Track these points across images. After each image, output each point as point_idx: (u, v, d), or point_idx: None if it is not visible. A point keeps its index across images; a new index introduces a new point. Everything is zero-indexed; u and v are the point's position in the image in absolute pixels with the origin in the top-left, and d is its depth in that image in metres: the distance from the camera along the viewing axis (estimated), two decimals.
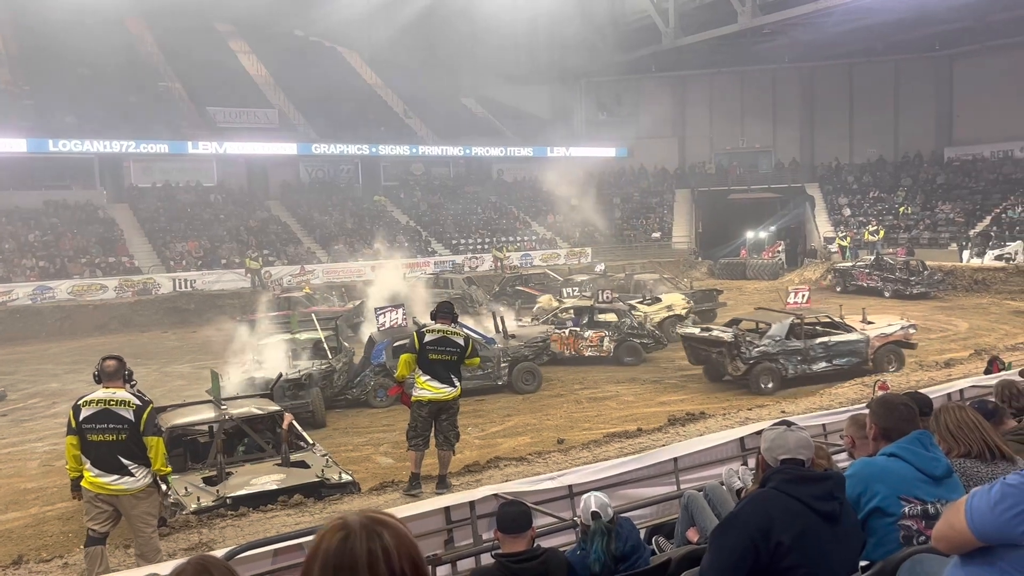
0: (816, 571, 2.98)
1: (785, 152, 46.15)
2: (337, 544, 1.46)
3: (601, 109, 49.30)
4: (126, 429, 6.30)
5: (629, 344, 18.06)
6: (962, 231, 34.56)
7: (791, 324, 15.33)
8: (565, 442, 11.05)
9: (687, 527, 4.78)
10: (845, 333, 15.65)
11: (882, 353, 15.54)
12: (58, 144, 33.52)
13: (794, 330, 15.33)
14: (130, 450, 6.34)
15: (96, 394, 6.42)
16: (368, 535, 1.46)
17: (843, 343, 15.40)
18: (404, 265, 33.75)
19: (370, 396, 14.86)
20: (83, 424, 6.32)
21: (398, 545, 1.47)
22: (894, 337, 15.92)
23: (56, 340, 25.20)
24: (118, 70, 38.71)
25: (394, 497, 8.19)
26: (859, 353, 15.37)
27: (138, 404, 6.39)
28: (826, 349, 15.27)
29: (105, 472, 6.32)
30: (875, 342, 15.54)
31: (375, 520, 1.51)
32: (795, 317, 15.60)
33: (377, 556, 1.44)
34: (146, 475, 6.45)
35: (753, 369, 14.86)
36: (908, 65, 43.35)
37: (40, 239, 31.29)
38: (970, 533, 2.17)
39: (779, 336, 15.09)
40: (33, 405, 16.54)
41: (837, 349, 15.33)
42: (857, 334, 15.65)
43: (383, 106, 46.33)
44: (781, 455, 3.20)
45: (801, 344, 15.12)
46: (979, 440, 3.68)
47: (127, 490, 6.35)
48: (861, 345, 15.41)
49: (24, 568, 6.78)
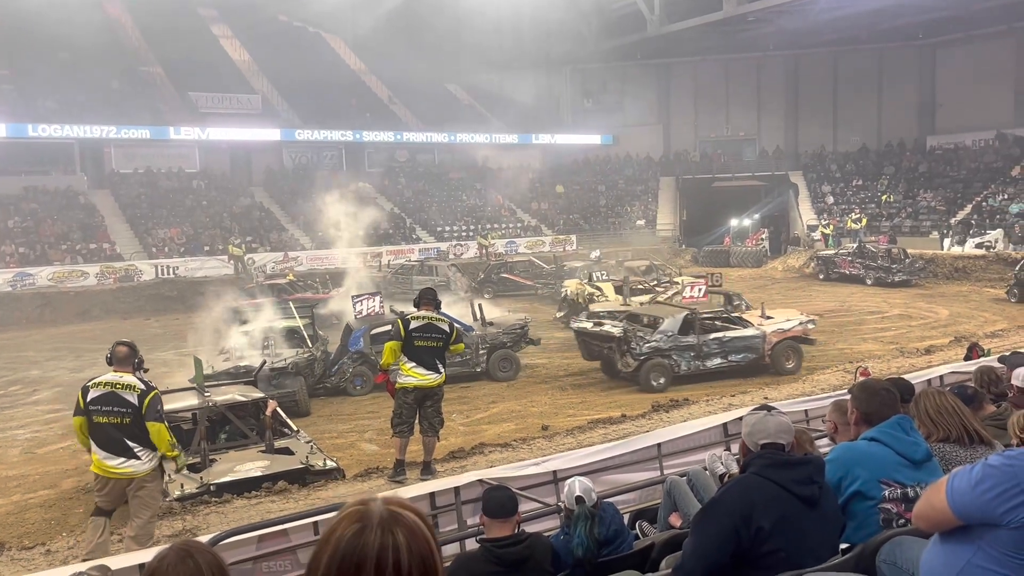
0: (796, 554, 3.01)
1: (769, 140, 46.32)
2: (351, 536, 1.45)
3: (586, 96, 49.24)
4: (130, 413, 6.42)
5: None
6: (943, 219, 34.85)
7: (683, 319, 14.75)
8: (549, 428, 11.07)
9: (670, 512, 4.82)
10: (741, 329, 15.12)
11: (780, 349, 15.08)
12: (38, 129, 33.11)
13: (688, 325, 14.76)
14: (135, 434, 6.46)
15: (105, 377, 6.55)
16: (383, 530, 1.45)
17: (738, 339, 14.87)
18: (388, 252, 33.75)
19: (348, 384, 14.78)
20: (90, 406, 6.44)
21: (410, 543, 1.45)
22: (792, 333, 15.40)
23: (37, 327, 24.97)
24: (99, 54, 38.18)
25: (379, 484, 8.21)
26: (755, 349, 14.89)
27: (143, 389, 6.50)
28: (720, 345, 14.74)
29: (112, 455, 6.44)
30: (772, 338, 15.05)
31: (394, 514, 1.49)
32: (689, 312, 15.07)
33: (387, 552, 1.43)
34: (152, 459, 6.58)
35: (643, 365, 14.33)
36: (892, 53, 43.54)
37: (20, 225, 30.93)
38: (950, 512, 2.21)
39: (671, 331, 14.57)
40: (13, 393, 16.40)
41: (732, 345, 14.80)
42: (753, 330, 15.12)
43: (367, 92, 46.04)
44: (762, 439, 3.23)
45: (694, 340, 14.58)
46: (958, 425, 3.73)
47: (133, 473, 6.47)
48: (757, 341, 14.91)
49: (6, 555, 6.74)
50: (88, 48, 37.12)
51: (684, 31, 38.74)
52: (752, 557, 3.01)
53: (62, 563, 6.27)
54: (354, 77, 47.04)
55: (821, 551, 3.10)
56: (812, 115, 45.61)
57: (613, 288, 21.26)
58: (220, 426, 9.81)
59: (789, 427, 3.30)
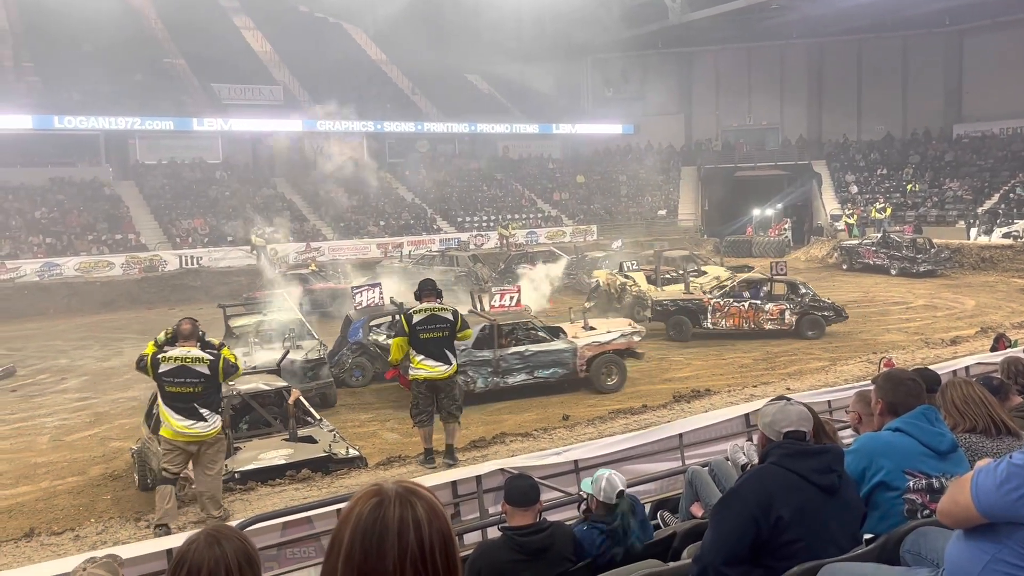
0: (816, 543, 3.01)
1: (792, 129, 45.86)
2: (371, 510, 1.47)
3: (607, 86, 49.00)
4: (202, 382, 7.24)
5: (812, 317, 17.94)
6: (970, 209, 34.39)
7: (479, 332, 12.96)
8: (570, 418, 11.10)
9: (691, 502, 4.82)
10: (548, 342, 13.80)
11: (598, 364, 13.77)
12: (63, 121, 33.43)
13: (485, 338, 13.32)
14: (205, 399, 7.27)
15: (174, 352, 7.29)
16: (402, 504, 1.48)
17: (544, 352, 13.57)
18: (409, 243, 33.83)
19: (347, 376, 14.54)
20: (162, 377, 7.25)
21: (430, 517, 1.48)
22: (613, 346, 14.09)
23: (64, 316, 25.30)
24: (122, 46, 38.45)
25: (401, 471, 8.27)
26: (565, 364, 13.62)
27: (211, 359, 7.30)
28: (523, 360, 13.41)
29: (184, 417, 7.21)
30: (586, 351, 13.74)
31: (409, 490, 1.52)
32: (486, 323, 13.53)
33: (408, 525, 1.45)
34: (217, 421, 7.38)
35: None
36: (917, 40, 42.91)
37: (47, 216, 31.32)
38: (975, 510, 2.19)
39: (464, 345, 12.40)
40: (42, 381, 16.65)
41: (538, 359, 13.51)
42: (562, 342, 13.86)
43: (388, 83, 46.07)
44: (784, 427, 3.23)
45: (490, 355, 13.30)
46: (985, 415, 3.70)
47: (200, 434, 7.23)
48: (567, 355, 13.65)
49: (36, 541, 6.86)
50: (112, 40, 37.40)
51: (706, 19, 38.44)
52: (772, 547, 3.01)
53: (91, 548, 6.38)
54: (375, 68, 47.09)
55: (842, 540, 3.10)
56: (836, 103, 45.11)
57: (645, 278, 21.20)
58: (241, 415, 9.92)
59: (809, 416, 3.31)
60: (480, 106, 45.31)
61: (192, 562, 2.10)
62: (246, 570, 2.11)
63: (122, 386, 15.14)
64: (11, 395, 15.45)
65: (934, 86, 42.77)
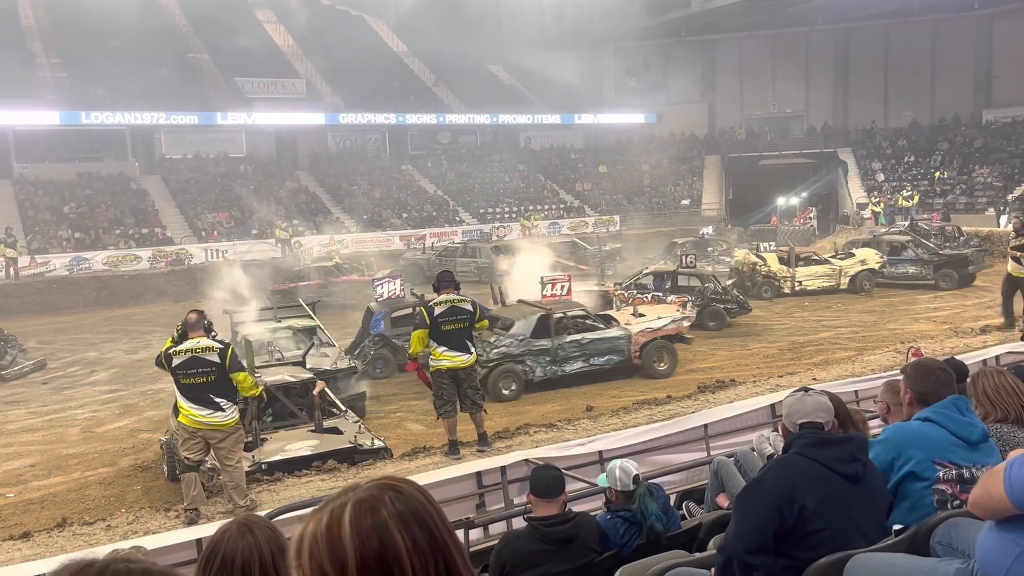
0: (842, 533, 3.00)
1: (817, 116, 45.28)
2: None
3: (630, 75, 48.66)
4: (214, 371, 7.36)
5: (712, 309, 17.94)
6: (1000, 196, 33.79)
7: (537, 320, 13.51)
8: (594, 409, 11.09)
9: (717, 493, 4.80)
10: (603, 329, 14.07)
11: (650, 350, 14.06)
12: (90, 116, 33.80)
13: (542, 327, 13.57)
14: (219, 388, 7.39)
15: (184, 345, 7.40)
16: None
17: (600, 340, 13.82)
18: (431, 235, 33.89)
19: (369, 367, 14.49)
20: (176, 370, 7.37)
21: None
22: (664, 332, 14.37)
23: (93, 310, 25.66)
24: (147, 42, 38.82)
25: (425, 463, 8.30)
26: (620, 351, 13.89)
27: (220, 347, 7.46)
28: (580, 347, 13.66)
29: (200, 406, 7.34)
30: (639, 338, 14.02)
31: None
32: (543, 312, 13.74)
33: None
34: (234, 410, 7.49)
35: (491, 373, 12.95)
36: (946, 25, 42.13)
37: (75, 211, 31.74)
38: (1008, 501, 2.17)
39: (523, 335, 13.36)
40: (72, 373, 16.91)
41: (594, 347, 13.75)
42: (617, 330, 14.13)
43: (410, 75, 46.11)
44: (800, 419, 3.22)
45: (548, 343, 13.45)
46: (1017, 405, 3.65)
47: (218, 424, 7.36)
48: (622, 342, 13.91)
49: (68, 531, 6.98)
50: (137, 36, 37.77)
51: (729, 6, 38.06)
52: (797, 536, 3.00)
53: (122, 538, 6.48)
54: (397, 60, 47.13)
55: (868, 529, 3.08)
56: (862, 90, 44.43)
57: (777, 259, 21.75)
58: (266, 406, 9.99)
59: (828, 406, 3.27)
60: (502, 97, 45.23)
61: (226, 551, 2.12)
62: (279, 558, 2.13)
63: (150, 378, 15.31)
64: (42, 387, 15.72)
65: (963, 71, 41.99)
